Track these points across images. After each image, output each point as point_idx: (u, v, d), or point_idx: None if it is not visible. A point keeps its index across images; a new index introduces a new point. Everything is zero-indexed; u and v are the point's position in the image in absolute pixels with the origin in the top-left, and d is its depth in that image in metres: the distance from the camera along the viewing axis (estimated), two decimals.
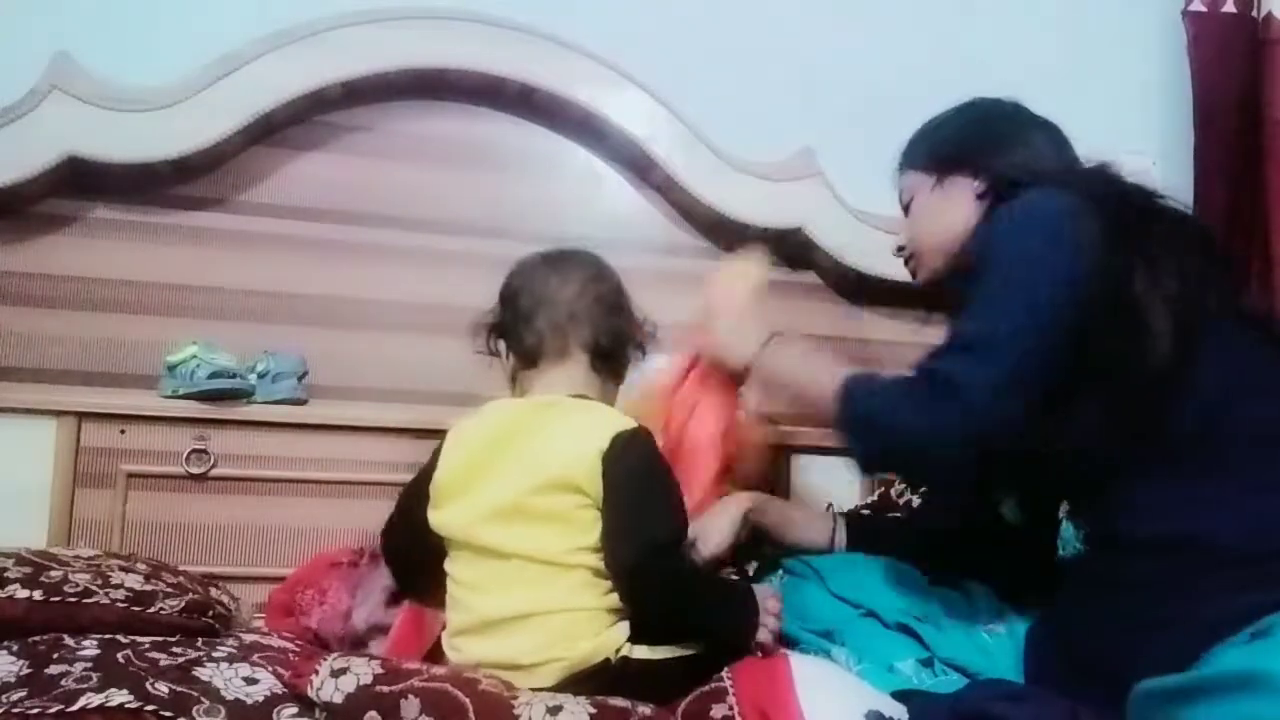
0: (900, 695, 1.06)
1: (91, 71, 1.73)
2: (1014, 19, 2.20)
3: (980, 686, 1.05)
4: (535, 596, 1.09)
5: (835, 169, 2.00)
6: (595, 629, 1.09)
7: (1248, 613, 0.89)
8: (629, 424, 1.14)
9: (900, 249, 1.39)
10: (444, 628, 1.18)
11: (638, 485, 1.10)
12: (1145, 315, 1.02)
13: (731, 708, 1.01)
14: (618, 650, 1.09)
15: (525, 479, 1.11)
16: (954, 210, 1.27)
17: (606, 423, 1.14)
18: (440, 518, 1.17)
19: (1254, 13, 2.09)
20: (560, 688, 1.06)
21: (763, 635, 1.13)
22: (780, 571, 1.37)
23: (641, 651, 1.09)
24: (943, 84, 2.06)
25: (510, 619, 1.10)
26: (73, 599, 1.17)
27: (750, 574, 1.42)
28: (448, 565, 1.18)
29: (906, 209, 1.36)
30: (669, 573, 1.10)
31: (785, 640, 1.19)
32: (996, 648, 1.19)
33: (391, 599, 1.32)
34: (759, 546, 1.42)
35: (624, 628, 1.10)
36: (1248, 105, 2.08)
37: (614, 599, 1.10)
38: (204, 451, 1.64)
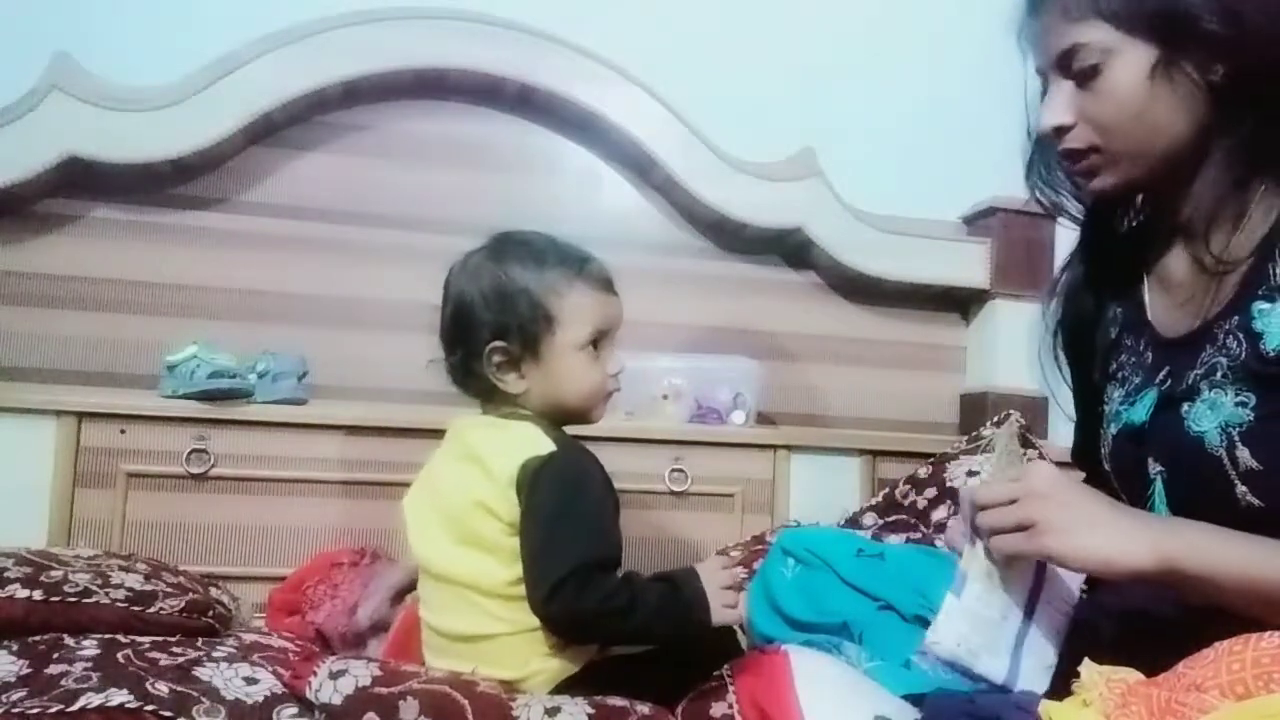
0: (914, 697, 1.05)
1: (91, 71, 1.73)
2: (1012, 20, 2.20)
3: (999, 691, 1.02)
4: (485, 621, 1.07)
5: (835, 169, 2.00)
6: (536, 657, 1.06)
7: None
8: (541, 449, 1.06)
9: (1062, 130, 0.98)
10: None
11: (543, 518, 1.03)
12: None
13: (731, 705, 1.01)
14: (600, 651, 1.07)
15: (448, 505, 1.10)
16: (1178, 104, 0.94)
17: (517, 448, 1.06)
18: (410, 541, 1.16)
19: None
20: (554, 694, 1.05)
21: (725, 616, 1.07)
22: (791, 561, 1.34)
23: (631, 649, 1.08)
24: (944, 84, 2.06)
25: (470, 638, 1.08)
26: (73, 599, 1.16)
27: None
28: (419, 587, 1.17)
29: (1081, 73, 0.96)
30: (575, 609, 1.02)
31: (799, 625, 1.18)
32: None
33: (396, 597, 1.32)
34: None
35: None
36: None
37: (517, 651, 1.06)
38: (204, 451, 1.64)
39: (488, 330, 1.11)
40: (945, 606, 0.96)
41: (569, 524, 1.04)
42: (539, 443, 1.07)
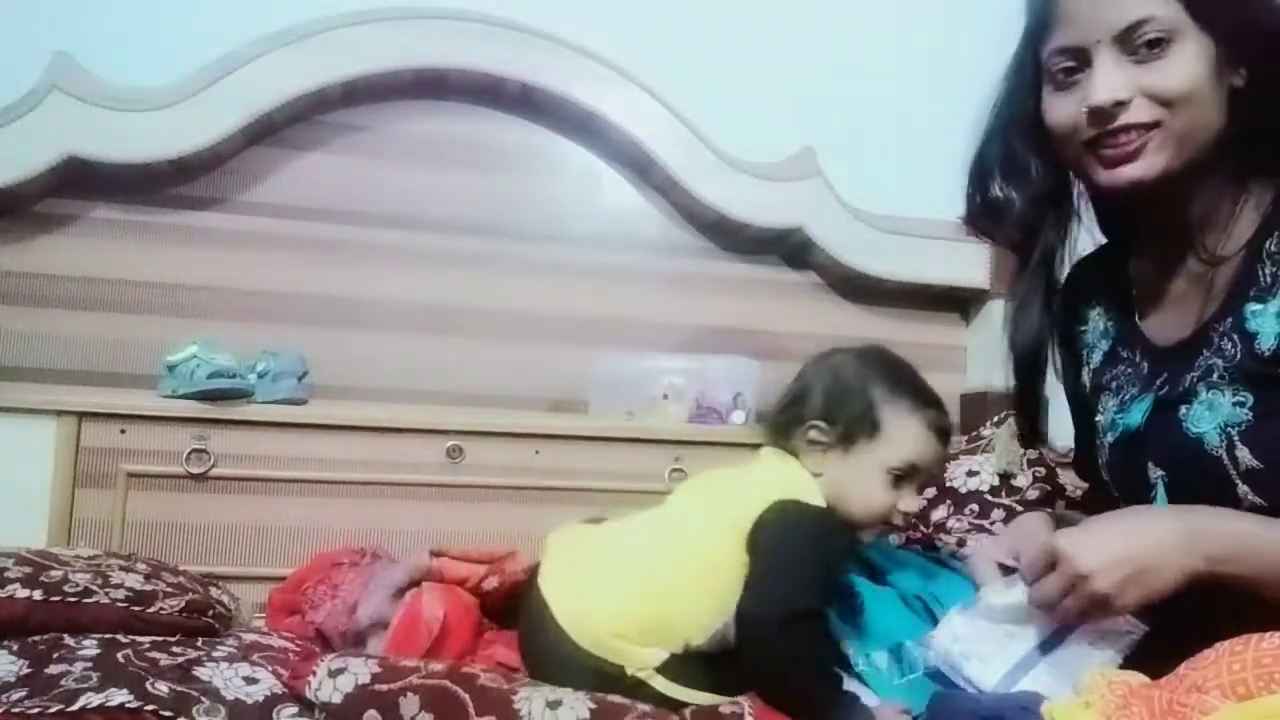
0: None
1: (91, 71, 1.73)
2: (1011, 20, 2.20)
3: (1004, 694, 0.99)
4: (654, 565, 1.11)
5: (835, 169, 2.00)
6: (640, 635, 1.07)
7: None
8: (796, 493, 1.13)
9: (1120, 104, 0.94)
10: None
11: (771, 553, 1.08)
12: None
13: (738, 704, 1.01)
14: (640, 669, 1.06)
15: (724, 477, 1.21)
16: (1216, 101, 0.94)
17: (778, 483, 1.14)
18: None
19: None
20: (572, 674, 1.04)
21: None
22: None
23: (660, 683, 1.06)
24: (944, 84, 2.05)
25: (626, 564, 1.13)
26: (73, 599, 1.16)
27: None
28: None
29: (1147, 46, 0.93)
30: (775, 647, 1.05)
31: None
32: None
33: (396, 595, 1.32)
34: None
35: (658, 654, 1.07)
36: None
37: (668, 620, 1.08)
38: (204, 451, 1.64)
39: (818, 410, 1.18)
40: (950, 614, 1.03)
41: (795, 569, 1.08)
42: (796, 486, 1.14)
